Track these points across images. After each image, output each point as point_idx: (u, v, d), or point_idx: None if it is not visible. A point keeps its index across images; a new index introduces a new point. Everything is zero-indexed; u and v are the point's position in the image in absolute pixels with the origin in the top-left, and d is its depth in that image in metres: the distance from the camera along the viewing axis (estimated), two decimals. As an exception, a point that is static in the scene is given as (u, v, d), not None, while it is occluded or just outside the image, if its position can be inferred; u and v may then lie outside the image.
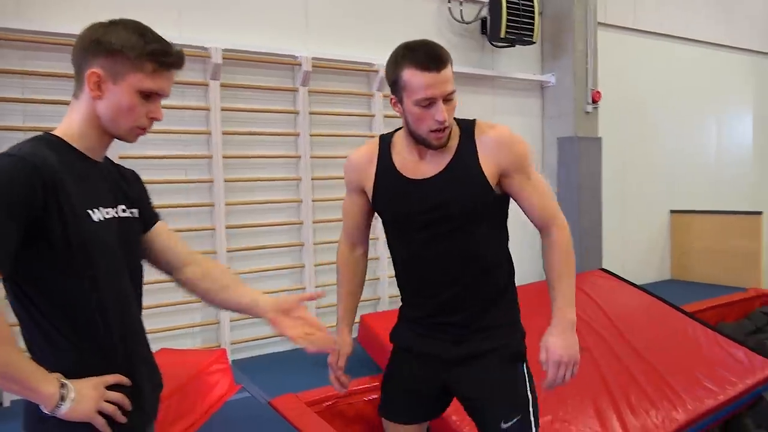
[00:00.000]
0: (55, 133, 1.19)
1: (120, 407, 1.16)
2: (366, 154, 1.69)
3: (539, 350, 1.55)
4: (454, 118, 1.55)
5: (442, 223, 1.57)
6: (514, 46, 4.38)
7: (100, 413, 1.12)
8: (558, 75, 4.73)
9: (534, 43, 4.39)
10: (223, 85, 3.33)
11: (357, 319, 1.85)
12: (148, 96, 1.18)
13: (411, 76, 1.44)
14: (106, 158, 1.28)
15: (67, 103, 1.23)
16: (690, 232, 5.58)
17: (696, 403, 2.82)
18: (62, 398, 1.07)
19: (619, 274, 4.13)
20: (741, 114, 6.55)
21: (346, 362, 1.76)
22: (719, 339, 3.39)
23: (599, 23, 4.87)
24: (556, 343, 1.50)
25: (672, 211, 5.70)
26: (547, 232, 1.59)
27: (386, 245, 4.09)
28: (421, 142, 1.53)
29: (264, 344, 3.52)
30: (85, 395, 1.10)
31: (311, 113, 3.65)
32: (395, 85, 1.50)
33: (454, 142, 1.55)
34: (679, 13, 5.78)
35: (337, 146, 3.79)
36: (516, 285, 1.75)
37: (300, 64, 3.54)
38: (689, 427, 2.70)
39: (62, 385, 1.08)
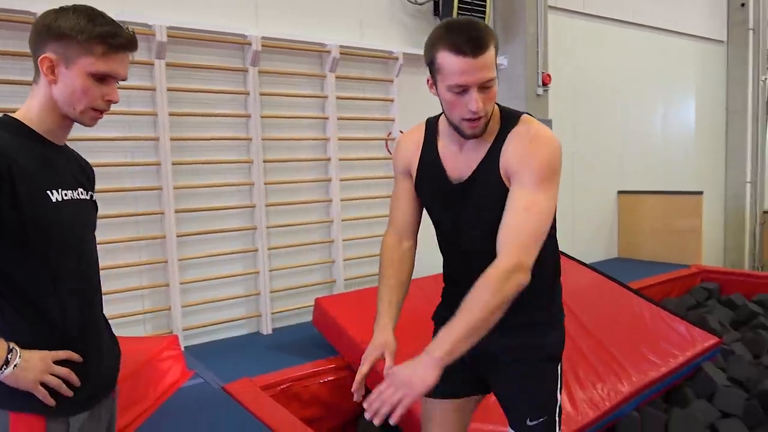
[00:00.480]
0: (15, 116, 1.22)
1: (67, 382, 1.18)
2: (413, 138, 1.57)
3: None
4: (502, 108, 1.45)
5: (472, 227, 1.49)
6: (466, 28, 4.38)
7: (44, 386, 1.15)
8: (510, 58, 4.78)
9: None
10: (169, 65, 3.21)
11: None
12: (102, 79, 1.19)
13: (445, 59, 1.30)
14: (66, 144, 1.31)
15: (24, 83, 1.23)
16: (636, 212, 5.78)
17: (640, 375, 2.93)
18: (6, 362, 1.10)
19: (569, 254, 4.23)
20: (685, 97, 6.78)
21: (391, 357, 1.47)
22: (663, 314, 3.53)
23: (550, 7, 4.94)
24: (404, 369, 1.28)
25: (619, 192, 5.88)
26: (498, 255, 1.34)
27: (342, 228, 4.09)
28: (455, 129, 1.41)
29: (217, 330, 3.46)
30: (30, 365, 1.13)
31: (262, 94, 3.57)
32: (431, 66, 1.37)
33: (490, 137, 1.42)
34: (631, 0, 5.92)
35: (289, 128, 3.73)
36: (559, 284, 1.64)
37: (250, 44, 3.45)
38: (633, 398, 2.81)
39: (10, 350, 1.12)
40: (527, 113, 1.47)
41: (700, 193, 5.47)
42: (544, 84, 4.75)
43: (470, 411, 1.70)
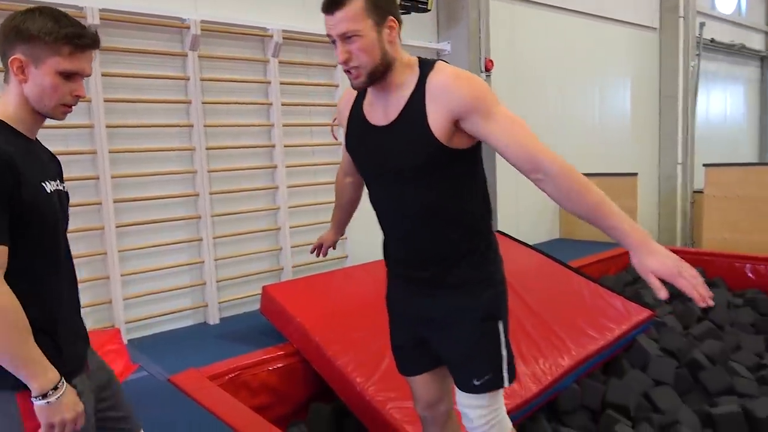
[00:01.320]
0: None
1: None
2: (349, 94, 1.68)
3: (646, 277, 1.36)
4: (420, 58, 1.53)
5: (393, 175, 1.54)
6: (409, 12, 4.40)
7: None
8: (453, 43, 4.83)
9: (429, 10, 4.45)
10: (104, 49, 3.08)
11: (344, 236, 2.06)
12: (69, 76, 1.28)
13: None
14: (37, 138, 1.41)
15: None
16: (576, 193, 5.96)
17: (579, 349, 3.06)
18: (55, 388, 1.22)
19: (513, 236, 4.35)
20: (620, 82, 7.03)
21: (326, 245, 2.23)
22: (601, 291, 3.69)
23: (491, -8, 5.01)
24: (655, 262, 1.33)
25: (560, 175, 6.05)
26: (537, 173, 1.43)
27: (288, 216, 4.06)
28: None
29: (162, 322, 3.39)
30: (67, 402, 1.25)
31: (203, 80, 3.49)
32: None
33: (409, 88, 1.48)
34: (566, -14, 6.07)
35: (232, 114, 3.67)
36: (494, 238, 1.67)
37: (188, 27, 3.36)
38: (574, 371, 2.94)
39: (60, 381, 1.24)
40: (441, 60, 1.55)
41: (635, 174, 5.72)
42: (487, 69, 4.83)
43: (447, 372, 1.75)
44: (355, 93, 1.64)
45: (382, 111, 1.54)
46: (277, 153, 3.82)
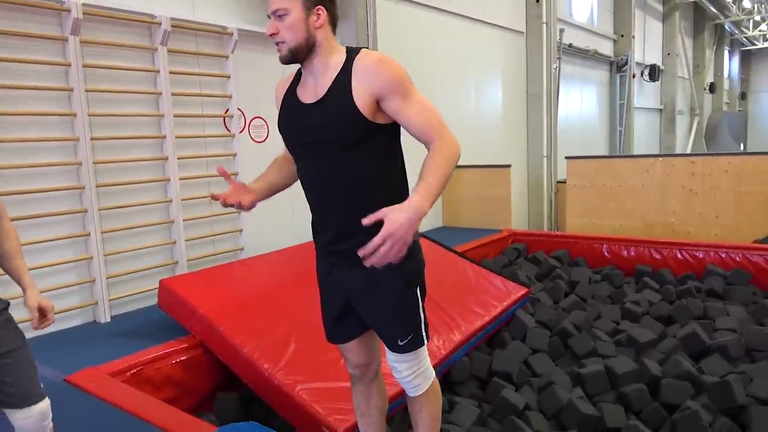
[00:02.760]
0: None
1: None
2: (285, 80, 1.78)
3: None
4: (348, 47, 1.67)
5: (315, 149, 1.66)
6: (300, 7, 4.45)
7: None
8: (342, 39, 4.95)
9: None
10: (-30, 29, 2.84)
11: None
12: None
13: None
14: None
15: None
16: (456, 184, 6.38)
17: (468, 325, 3.35)
18: None
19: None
20: (493, 81, 7.58)
21: (233, 191, 1.83)
22: (483, 272, 4.03)
23: (377, -9, 5.20)
24: (395, 218, 1.43)
25: (442, 167, 6.42)
26: (431, 144, 1.61)
27: (183, 208, 3.97)
28: None
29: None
30: None
31: (85, 66, 3.31)
32: None
33: (336, 69, 1.62)
34: (444, -12, 6.43)
35: (118, 104, 3.52)
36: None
37: (69, 10, 3.17)
38: (463, 345, 3.22)
39: None
40: (366, 47, 1.70)
41: (508, 166, 6.23)
42: (375, 65, 5.01)
43: (375, 335, 1.89)
44: (290, 79, 1.76)
45: (312, 90, 1.67)
46: (168, 144, 3.72)
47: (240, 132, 4.23)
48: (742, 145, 18.70)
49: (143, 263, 3.66)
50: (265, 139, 4.47)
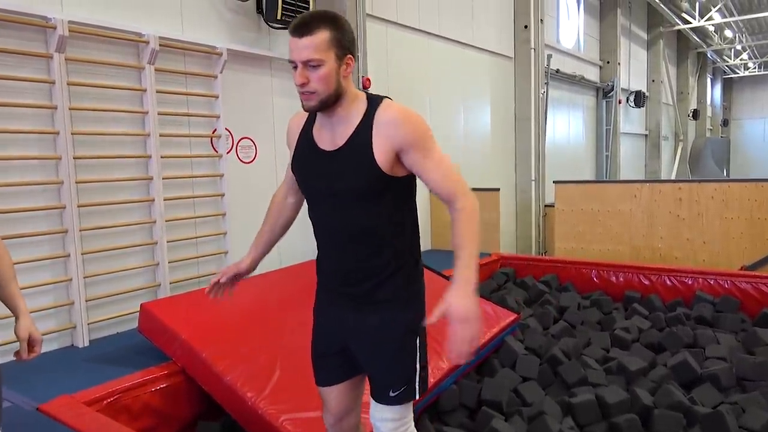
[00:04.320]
0: None
1: None
2: (299, 117, 1.75)
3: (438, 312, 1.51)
4: (369, 94, 1.65)
5: (330, 196, 1.63)
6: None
7: None
8: (332, 60, 4.94)
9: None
10: (-48, 45, 2.78)
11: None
12: None
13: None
14: None
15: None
16: (445, 208, 6.32)
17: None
18: None
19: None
20: (482, 104, 7.63)
21: (231, 275, 1.90)
22: (472, 297, 3.96)
23: (368, 15, 5.22)
24: (458, 303, 1.48)
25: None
26: (452, 204, 1.62)
27: (167, 229, 3.90)
28: None
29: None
30: None
31: (70, 84, 3.26)
32: None
33: (357, 119, 1.60)
34: (434, 13, 6.48)
35: (103, 122, 3.46)
36: (419, 261, 1.77)
37: (54, 28, 3.12)
38: (452, 373, 3.15)
39: None
40: (387, 97, 1.68)
41: (498, 189, 6.23)
42: (365, 87, 5.01)
43: (360, 384, 1.88)
44: (305, 116, 1.72)
45: (329, 137, 1.64)
46: (154, 164, 3.65)
47: (227, 153, 4.17)
48: (725, 171, 18.99)
49: (124, 285, 3.56)
50: (252, 160, 4.42)
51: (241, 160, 4.34)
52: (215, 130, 4.06)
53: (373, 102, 1.63)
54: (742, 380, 3.20)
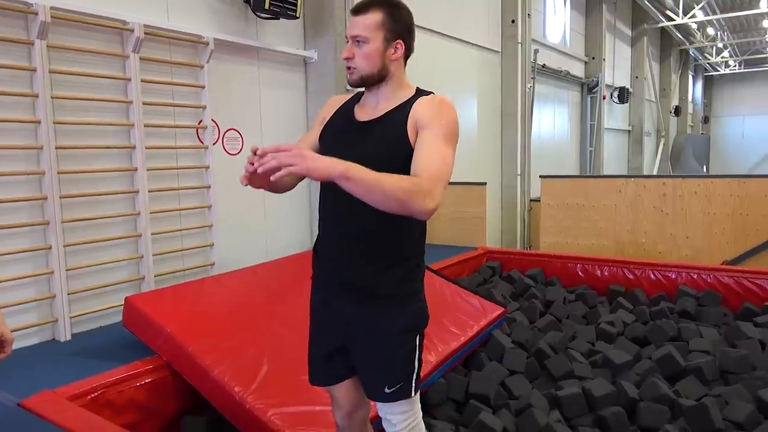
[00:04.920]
0: None
1: None
2: (343, 96, 1.79)
3: None
4: (419, 88, 1.69)
5: (366, 164, 1.47)
6: (278, 18, 4.39)
7: None
8: (320, 52, 4.90)
9: (298, 18, 4.47)
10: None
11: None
12: None
13: None
14: None
15: None
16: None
17: (444, 346, 3.28)
18: None
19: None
20: (468, 98, 7.62)
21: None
22: (459, 291, 3.97)
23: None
24: (316, 158, 1.34)
25: (418, 183, 6.40)
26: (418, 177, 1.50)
27: (152, 221, 3.83)
28: None
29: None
30: None
31: (52, 72, 3.18)
32: None
33: (404, 97, 1.64)
34: (421, 5, 6.43)
35: (86, 111, 3.38)
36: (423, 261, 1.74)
37: (36, 13, 3.04)
38: (440, 366, 3.15)
39: None
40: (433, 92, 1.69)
41: (484, 184, 6.23)
42: (352, 79, 4.96)
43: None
44: (349, 96, 1.77)
45: (371, 110, 1.67)
46: (138, 154, 3.59)
47: (213, 144, 4.11)
48: (705, 167, 19.27)
49: (108, 278, 3.50)
50: (239, 152, 4.36)
51: (227, 152, 4.28)
52: (201, 121, 4.00)
53: (422, 92, 1.67)
54: (725, 373, 3.24)
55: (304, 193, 4.74)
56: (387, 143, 1.58)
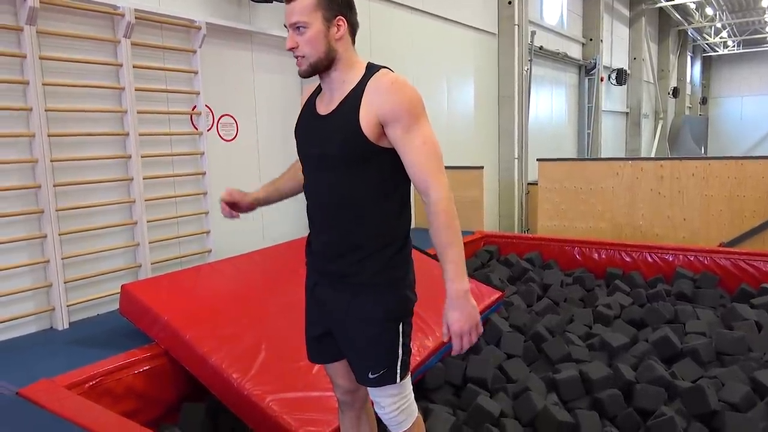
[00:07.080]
0: None
1: None
2: (312, 85, 1.74)
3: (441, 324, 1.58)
4: (370, 63, 1.63)
5: (319, 160, 1.62)
6: (271, 2, 4.34)
7: None
8: (314, 35, 4.83)
9: (291, 1, 4.40)
10: None
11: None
12: None
13: None
14: None
15: None
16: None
17: (441, 330, 3.28)
18: None
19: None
20: (465, 81, 7.56)
21: (232, 200, 1.93)
22: (457, 275, 3.96)
23: (351, -12, 5.10)
24: (454, 317, 1.53)
25: (414, 167, 6.37)
26: (425, 197, 1.55)
27: (147, 209, 3.82)
28: None
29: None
30: None
31: (42, 58, 3.14)
32: None
33: (352, 85, 1.57)
34: (417, -14, 6.37)
35: (78, 98, 3.35)
36: (409, 245, 1.72)
37: (24, -1, 3.00)
38: (438, 351, 3.15)
39: None
40: (387, 67, 1.63)
41: (481, 167, 6.21)
42: (348, 63, 4.92)
43: None
44: (316, 86, 1.71)
45: (327, 102, 1.63)
46: (132, 141, 3.56)
47: (208, 130, 4.08)
48: (702, 149, 19.24)
49: (104, 266, 3.49)
50: (234, 138, 4.33)
51: (222, 138, 4.25)
52: (195, 107, 3.96)
53: (371, 70, 1.60)
54: (721, 354, 3.26)
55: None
56: (342, 142, 1.55)
